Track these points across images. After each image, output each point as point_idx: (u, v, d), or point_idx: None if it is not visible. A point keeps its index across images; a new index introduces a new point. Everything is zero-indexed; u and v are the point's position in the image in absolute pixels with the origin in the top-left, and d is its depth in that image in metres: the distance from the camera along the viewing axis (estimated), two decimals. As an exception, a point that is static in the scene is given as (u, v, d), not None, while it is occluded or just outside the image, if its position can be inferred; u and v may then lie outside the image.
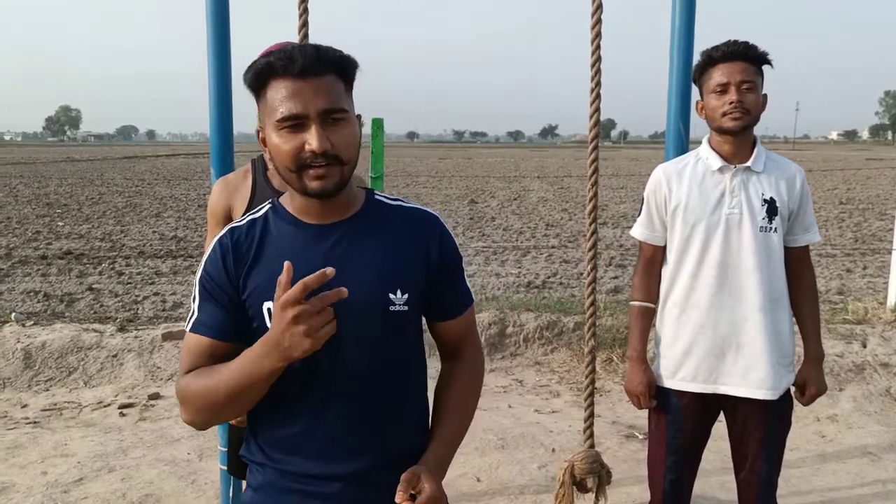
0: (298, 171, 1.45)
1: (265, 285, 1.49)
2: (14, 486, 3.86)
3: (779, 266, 2.46)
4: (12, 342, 5.67)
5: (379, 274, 1.54)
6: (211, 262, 1.55)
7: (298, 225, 1.56)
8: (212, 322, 1.52)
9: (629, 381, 2.64)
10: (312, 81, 1.44)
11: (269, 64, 1.45)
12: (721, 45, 2.41)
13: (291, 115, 1.42)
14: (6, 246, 12.19)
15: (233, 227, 1.59)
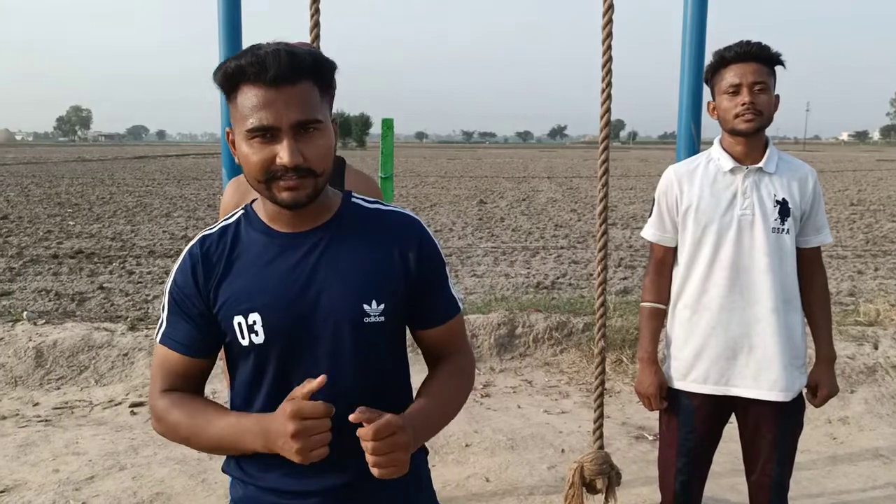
0: (267, 182, 1.39)
1: (235, 298, 1.44)
2: (26, 483, 3.89)
3: (791, 267, 2.45)
4: (24, 341, 5.70)
5: (353, 284, 1.47)
6: (180, 273, 1.49)
7: (269, 233, 1.49)
8: (181, 337, 1.48)
9: (640, 382, 2.63)
10: (286, 90, 1.35)
11: (239, 68, 1.36)
12: (734, 45, 2.40)
13: (262, 127, 1.35)
14: (18, 245, 12.27)
15: (204, 236, 1.53)
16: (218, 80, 1.41)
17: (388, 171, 4.93)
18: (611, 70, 3.27)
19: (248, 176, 1.42)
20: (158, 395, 1.49)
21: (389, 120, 4.80)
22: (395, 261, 1.51)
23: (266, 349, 1.45)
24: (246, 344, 1.45)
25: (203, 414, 1.44)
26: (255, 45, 1.40)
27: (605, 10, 3.24)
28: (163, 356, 1.50)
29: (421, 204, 20.29)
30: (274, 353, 1.45)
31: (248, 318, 1.43)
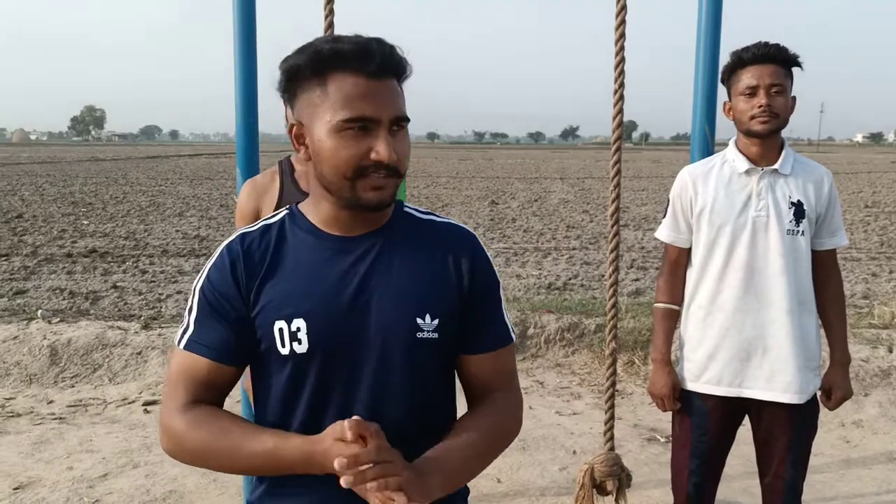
0: (354, 179, 1.28)
1: (278, 301, 1.33)
2: (40, 480, 3.92)
3: (806, 269, 2.44)
4: (39, 339, 5.75)
5: (407, 295, 1.36)
6: (217, 271, 1.36)
7: (319, 235, 1.38)
8: (212, 341, 1.33)
9: (653, 383, 2.63)
10: (386, 83, 1.29)
11: (337, 53, 1.27)
12: (751, 46, 2.39)
13: (361, 118, 1.26)
14: (32, 244, 12.36)
15: (244, 233, 1.41)
16: (303, 64, 1.29)
17: (401, 172, 4.94)
18: (623, 71, 3.26)
19: (329, 171, 1.30)
20: (178, 411, 1.32)
21: (402, 120, 4.82)
22: (449, 274, 1.41)
23: (308, 360, 1.33)
24: (286, 353, 1.32)
25: (233, 434, 1.29)
26: (339, 35, 1.31)
27: (618, 11, 3.23)
28: (187, 364, 1.34)
29: (433, 204, 20.30)
30: (316, 364, 1.33)
31: (292, 325, 1.31)
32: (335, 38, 1.29)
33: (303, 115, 1.32)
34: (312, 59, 1.28)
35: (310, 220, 1.40)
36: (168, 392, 1.35)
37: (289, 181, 2.47)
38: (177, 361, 1.36)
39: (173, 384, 1.35)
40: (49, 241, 12.82)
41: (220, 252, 1.39)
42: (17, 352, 5.61)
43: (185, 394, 1.33)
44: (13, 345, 5.69)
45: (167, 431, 1.33)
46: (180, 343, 1.36)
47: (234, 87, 3.24)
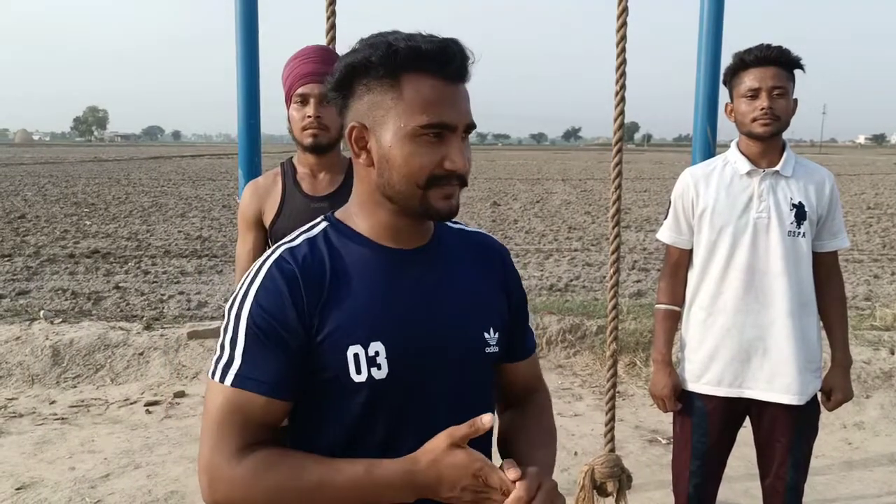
0: (426, 188, 1.20)
1: (350, 324, 1.20)
2: (42, 480, 3.93)
3: (807, 271, 2.44)
4: (41, 339, 5.76)
5: (472, 309, 1.32)
6: (269, 294, 1.19)
7: (375, 248, 1.27)
8: (269, 375, 1.18)
9: (654, 383, 2.63)
10: (461, 88, 1.21)
11: (416, 51, 1.16)
12: (754, 48, 2.39)
13: (441, 124, 1.18)
14: (35, 244, 12.38)
15: (291, 249, 1.25)
16: (377, 59, 1.17)
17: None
18: (625, 72, 3.27)
19: (401, 179, 1.20)
20: (234, 457, 1.16)
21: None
22: (498, 287, 1.40)
23: (387, 385, 1.22)
24: (362, 379, 1.20)
25: (313, 470, 1.16)
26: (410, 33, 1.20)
27: (619, 13, 3.24)
28: (237, 402, 1.17)
29: (434, 205, 20.30)
30: (396, 389, 1.23)
31: (369, 349, 1.20)
32: (410, 36, 1.18)
33: (367, 117, 1.21)
34: (387, 55, 1.16)
35: (358, 231, 1.29)
36: (215, 436, 1.17)
37: (291, 183, 2.47)
38: (224, 400, 1.18)
39: (221, 427, 1.17)
40: (51, 241, 12.84)
41: (268, 272, 1.21)
42: (19, 352, 5.63)
43: (239, 437, 1.17)
44: (15, 345, 5.70)
45: (223, 481, 1.16)
46: (224, 379, 1.18)
47: (237, 88, 3.25)
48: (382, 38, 1.18)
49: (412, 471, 1.14)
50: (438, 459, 1.13)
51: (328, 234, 1.28)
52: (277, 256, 1.23)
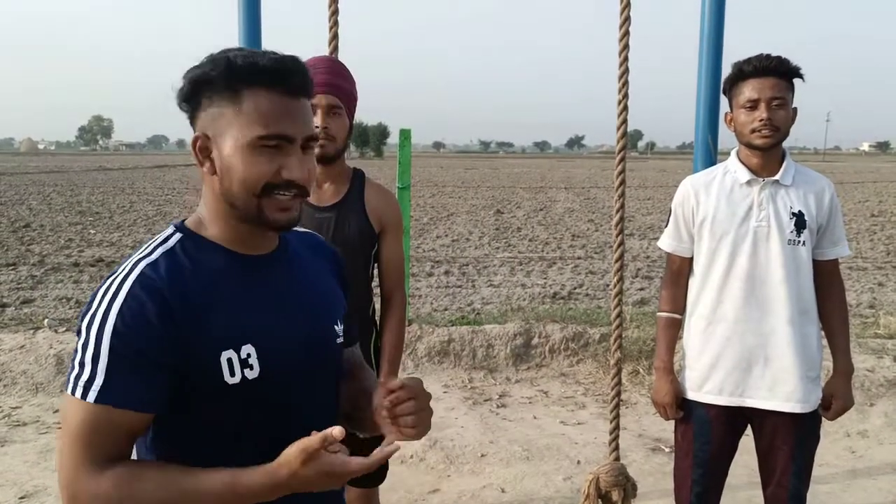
0: (261, 197, 1.26)
1: (220, 332, 1.25)
2: (46, 489, 3.93)
3: (807, 279, 2.45)
4: (45, 348, 5.77)
5: (323, 306, 1.44)
6: (132, 313, 1.20)
7: (229, 256, 1.32)
8: (133, 390, 1.19)
9: (656, 391, 2.64)
10: (302, 102, 1.28)
11: (254, 66, 1.23)
12: (753, 58, 2.40)
13: (279, 135, 1.24)
14: (39, 253, 12.42)
15: (150, 263, 1.26)
16: (216, 74, 1.24)
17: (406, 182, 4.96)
18: (627, 81, 3.28)
19: (237, 188, 1.26)
20: (96, 472, 1.18)
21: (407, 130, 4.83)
22: (336, 282, 1.53)
23: (260, 384, 1.29)
24: (235, 381, 1.26)
25: (179, 481, 1.19)
26: (252, 49, 1.28)
27: (621, 22, 3.25)
28: (100, 419, 1.18)
29: (438, 214, 20.33)
30: (268, 386, 1.30)
31: (241, 352, 1.27)
32: (251, 53, 1.25)
33: (210, 128, 1.27)
34: (226, 70, 1.23)
35: (211, 239, 1.33)
36: (77, 452, 1.18)
37: None
38: (86, 416, 1.18)
39: (82, 442, 1.18)
40: (56, 250, 12.88)
41: (131, 289, 1.22)
42: (23, 361, 5.64)
43: (102, 451, 1.19)
44: (20, 354, 5.71)
45: (86, 496, 1.17)
46: (87, 395, 1.18)
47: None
48: (224, 53, 1.26)
49: (272, 483, 1.19)
50: (295, 472, 1.18)
51: (184, 245, 1.31)
52: (139, 274, 1.24)
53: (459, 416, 5.06)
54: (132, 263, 1.26)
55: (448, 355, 5.96)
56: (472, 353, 5.99)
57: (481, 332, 6.14)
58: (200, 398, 1.27)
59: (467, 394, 5.48)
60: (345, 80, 2.41)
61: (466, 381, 5.71)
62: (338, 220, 2.44)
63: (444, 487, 4.04)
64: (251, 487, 1.19)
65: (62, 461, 1.20)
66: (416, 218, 18.36)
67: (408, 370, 5.65)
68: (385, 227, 2.54)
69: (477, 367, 5.92)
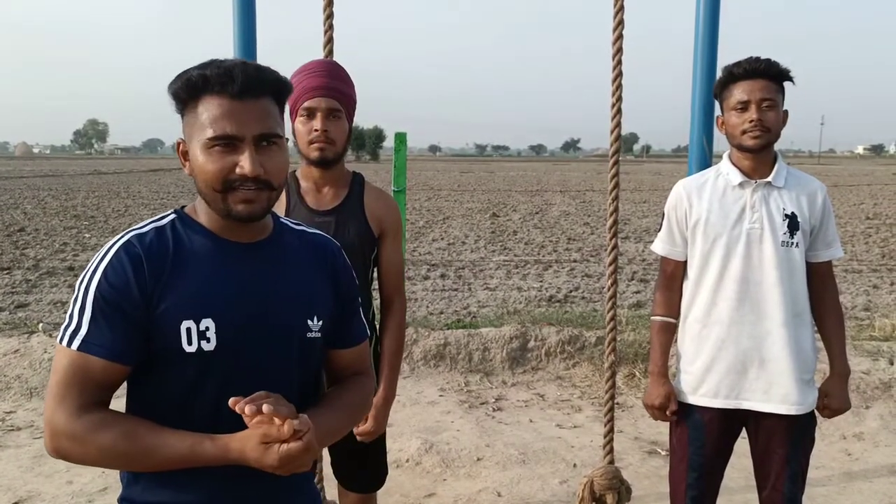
0: (224, 192, 1.40)
1: (186, 301, 1.39)
2: (39, 495, 3.91)
3: (801, 281, 2.45)
4: (39, 352, 5.75)
5: (299, 299, 1.52)
6: (114, 271, 1.37)
7: (216, 240, 1.47)
8: (110, 342, 1.36)
9: (648, 394, 2.65)
10: (249, 103, 1.39)
11: (203, 78, 1.38)
12: (742, 61, 2.42)
13: (224, 136, 1.37)
14: (34, 257, 12.38)
15: (139, 234, 1.43)
16: (177, 88, 1.40)
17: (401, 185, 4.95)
18: (621, 84, 3.29)
19: (203, 185, 1.41)
20: (74, 413, 1.34)
21: (402, 134, 4.83)
22: (327, 281, 1.60)
23: (214, 357, 1.41)
24: (192, 350, 1.39)
25: (145, 436, 1.35)
26: (216, 59, 1.42)
27: (615, 26, 3.26)
28: (80, 365, 1.35)
29: (434, 217, 20.33)
30: (222, 361, 1.42)
31: (201, 324, 1.39)
32: (205, 65, 1.40)
33: (185, 135, 1.44)
34: (185, 84, 1.40)
35: (202, 224, 1.48)
36: (58, 393, 1.35)
37: (295, 197, 2.47)
38: (68, 362, 1.36)
39: (64, 385, 1.35)
40: (51, 254, 12.84)
41: (116, 252, 1.39)
42: (17, 365, 5.62)
43: (80, 395, 1.35)
44: (14, 358, 5.69)
45: (63, 433, 1.34)
46: (71, 343, 1.36)
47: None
48: (186, 70, 1.41)
49: (225, 452, 1.34)
50: (245, 449, 1.32)
51: (175, 224, 1.48)
52: (126, 241, 1.42)
53: (455, 419, 5.05)
54: (124, 233, 1.44)
55: (444, 359, 5.96)
56: (468, 357, 5.99)
57: (477, 336, 6.14)
58: (160, 362, 1.41)
59: (463, 397, 5.48)
60: (344, 84, 2.41)
61: (462, 385, 5.70)
62: (337, 225, 2.43)
63: (440, 491, 4.03)
64: (207, 455, 1.34)
65: (47, 400, 1.37)
66: (412, 221, 18.37)
67: (404, 374, 5.64)
68: (385, 231, 2.54)
69: (473, 371, 5.91)
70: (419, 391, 5.59)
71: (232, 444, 1.34)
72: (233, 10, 3.24)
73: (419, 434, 4.72)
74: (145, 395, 1.45)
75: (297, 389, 1.52)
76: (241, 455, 1.34)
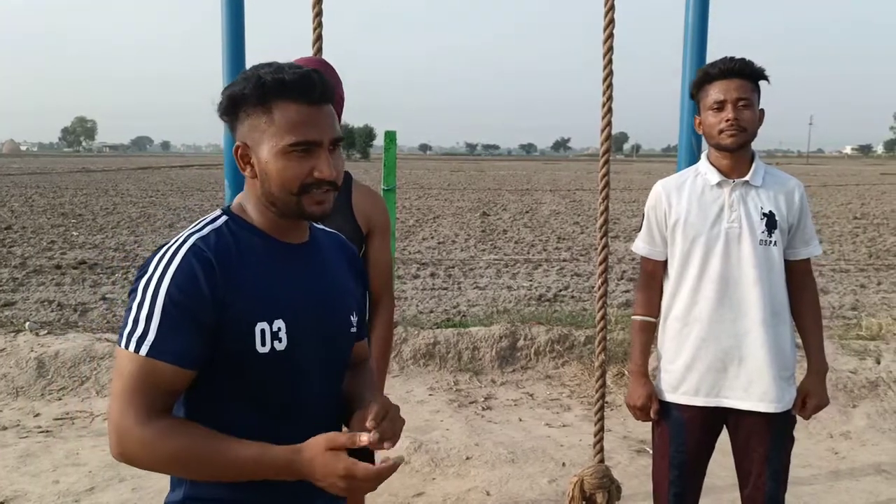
0: (300, 195, 1.43)
1: (258, 303, 1.42)
2: (25, 494, 3.88)
3: (779, 279, 2.47)
4: (26, 351, 5.71)
5: (343, 297, 1.60)
6: (185, 277, 1.36)
7: (269, 240, 1.49)
8: (179, 348, 1.35)
9: (630, 394, 2.67)
10: (324, 109, 1.44)
11: (282, 83, 1.39)
12: (718, 61, 2.45)
13: (306, 142, 1.40)
14: (21, 255, 12.30)
15: (202, 237, 1.43)
16: (247, 92, 1.40)
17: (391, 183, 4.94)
18: (611, 84, 3.29)
19: (277, 189, 1.42)
20: (143, 419, 1.34)
21: (392, 132, 4.82)
22: (355, 278, 1.68)
23: (285, 356, 1.44)
24: (265, 351, 1.42)
25: (214, 443, 1.35)
26: (272, 63, 1.45)
27: (605, 25, 3.26)
28: (148, 371, 1.34)
29: (424, 216, 20.32)
30: (291, 360, 1.46)
31: (273, 325, 1.42)
32: (277, 68, 1.41)
33: (248, 138, 1.44)
34: (257, 87, 1.40)
35: (254, 224, 1.50)
36: (126, 398, 1.35)
37: None
38: (136, 367, 1.34)
39: (131, 390, 1.34)
40: (38, 252, 12.76)
41: (185, 256, 1.38)
42: (3, 364, 5.57)
43: (148, 401, 1.35)
44: (0, 357, 5.65)
45: (132, 438, 1.34)
46: (139, 349, 1.34)
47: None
48: (255, 71, 1.42)
49: (294, 460, 1.34)
50: (314, 458, 1.33)
51: (230, 225, 1.48)
52: (192, 244, 1.41)
53: (444, 418, 5.05)
54: (185, 236, 1.44)
55: (433, 358, 5.96)
56: (458, 356, 5.99)
57: (467, 335, 6.14)
58: (232, 362, 1.41)
59: (452, 396, 5.48)
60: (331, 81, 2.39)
61: (452, 384, 5.70)
62: (325, 222, 2.42)
63: (428, 490, 4.03)
64: (275, 462, 1.34)
65: (112, 406, 1.37)
66: (402, 220, 18.35)
67: (393, 373, 5.64)
68: (372, 229, 2.54)
69: (462, 370, 5.91)
70: (408, 390, 5.59)
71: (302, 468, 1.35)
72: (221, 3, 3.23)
73: (408, 433, 4.71)
74: (210, 395, 1.44)
75: (339, 384, 1.61)
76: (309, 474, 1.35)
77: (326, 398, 1.56)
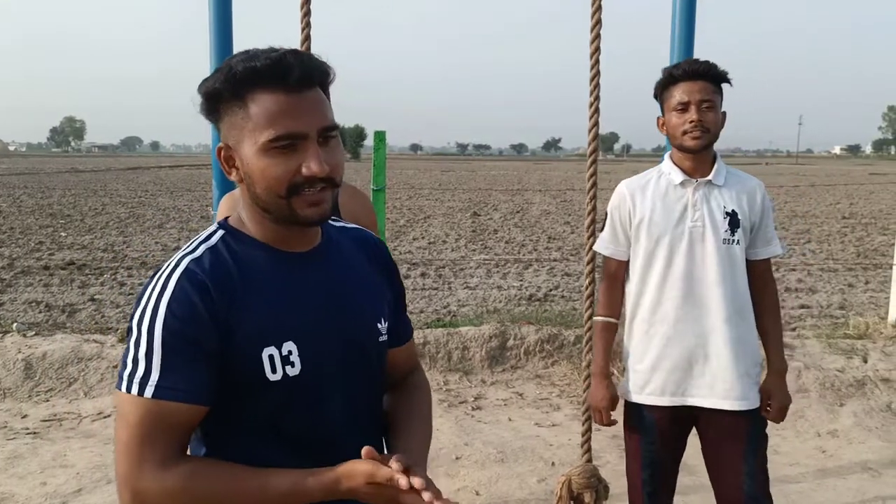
0: (289, 197, 1.24)
1: (263, 327, 1.26)
2: (13, 496, 3.86)
3: (742, 277, 2.50)
4: (13, 352, 5.68)
5: (367, 305, 1.42)
6: (180, 304, 1.21)
7: (272, 253, 1.32)
8: (187, 383, 1.21)
9: (592, 395, 2.69)
10: (308, 95, 1.23)
11: (252, 70, 1.21)
12: (682, 63, 2.48)
13: (289, 135, 1.21)
14: (9, 256, 12.22)
15: (195, 258, 1.27)
16: (219, 86, 1.23)
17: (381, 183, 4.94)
18: (599, 84, 3.30)
19: (263, 192, 1.25)
20: (161, 468, 1.19)
21: (382, 132, 4.82)
22: (382, 279, 1.49)
23: (300, 381, 1.29)
24: (276, 378, 1.27)
25: (244, 479, 1.23)
26: (254, 49, 1.26)
27: (592, 25, 3.26)
28: (158, 413, 1.19)
29: (415, 216, 20.31)
30: (308, 384, 1.31)
31: (283, 349, 1.27)
32: (249, 56, 1.23)
33: (229, 138, 1.27)
34: (228, 80, 1.23)
35: (254, 236, 1.33)
36: (137, 450, 1.19)
37: None
38: (144, 412, 1.20)
39: (141, 439, 1.19)
40: (26, 253, 12.68)
41: (178, 283, 1.24)
42: (-10, 365, 5.54)
43: (163, 446, 1.20)
44: (-13, 358, 5.61)
45: (153, 493, 1.19)
46: (143, 391, 1.19)
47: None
48: (227, 62, 1.25)
49: (333, 490, 1.22)
50: (356, 489, 1.21)
51: (226, 241, 1.32)
52: (184, 268, 1.26)
53: (434, 418, 5.04)
54: (177, 259, 1.28)
55: (423, 357, 5.95)
56: (448, 356, 5.99)
57: (457, 335, 6.14)
58: (241, 392, 1.28)
59: (442, 396, 5.48)
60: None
61: (442, 384, 5.70)
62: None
63: (418, 491, 4.02)
64: (312, 491, 1.22)
65: (121, 459, 1.21)
66: (393, 220, 18.33)
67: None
68: None
69: (452, 370, 5.91)
70: (398, 390, 5.58)
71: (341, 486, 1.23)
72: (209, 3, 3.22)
73: (398, 433, 4.71)
74: (228, 430, 1.31)
75: (375, 399, 1.46)
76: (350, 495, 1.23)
77: (354, 420, 1.38)
